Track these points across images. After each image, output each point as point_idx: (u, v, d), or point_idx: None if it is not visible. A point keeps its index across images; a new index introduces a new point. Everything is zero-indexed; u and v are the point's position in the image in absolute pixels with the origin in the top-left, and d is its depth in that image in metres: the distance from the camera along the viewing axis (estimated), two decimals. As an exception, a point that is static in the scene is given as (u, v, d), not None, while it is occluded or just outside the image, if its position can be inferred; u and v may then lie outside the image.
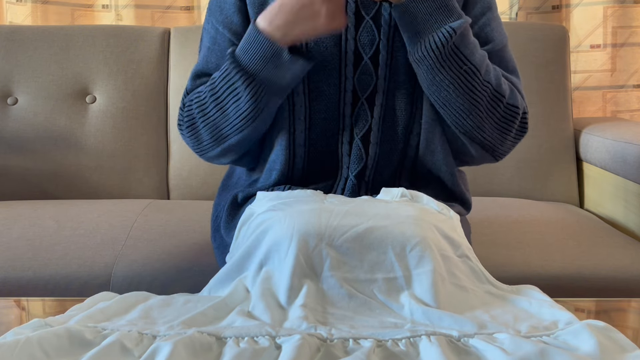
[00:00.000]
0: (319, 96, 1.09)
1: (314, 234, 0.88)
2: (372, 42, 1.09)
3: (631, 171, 1.51)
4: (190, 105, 1.12)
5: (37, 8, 2.08)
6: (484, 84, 1.06)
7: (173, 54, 1.87)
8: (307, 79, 1.09)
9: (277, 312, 0.82)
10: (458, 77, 1.04)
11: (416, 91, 1.10)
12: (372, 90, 1.09)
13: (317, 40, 1.08)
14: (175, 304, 0.87)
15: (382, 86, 1.09)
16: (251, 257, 0.92)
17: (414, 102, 1.10)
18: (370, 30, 1.09)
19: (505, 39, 1.16)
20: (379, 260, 0.87)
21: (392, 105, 1.10)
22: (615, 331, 0.77)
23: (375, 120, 1.10)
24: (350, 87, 1.09)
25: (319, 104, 1.10)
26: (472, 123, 1.07)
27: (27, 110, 1.80)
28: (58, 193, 1.77)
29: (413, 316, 0.82)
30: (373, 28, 1.09)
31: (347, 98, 1.10)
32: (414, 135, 1.11)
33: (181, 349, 0.71)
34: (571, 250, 1.36)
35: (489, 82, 1.06)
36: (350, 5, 1.09)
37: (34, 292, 1.25)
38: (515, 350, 0.72)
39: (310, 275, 0.86)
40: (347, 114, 1.10)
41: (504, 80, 1.10)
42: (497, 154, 1.13)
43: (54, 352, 0.72)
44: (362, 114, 1.10)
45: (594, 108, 2.09)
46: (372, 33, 1.09)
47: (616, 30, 2.04)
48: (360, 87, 1.09)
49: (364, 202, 0.98)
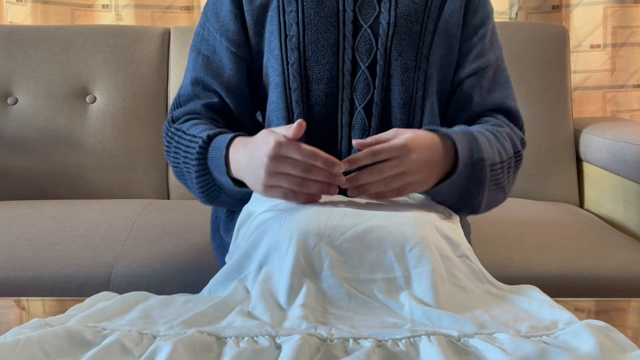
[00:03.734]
0: (316, 105, 1.09)
1: (313, 234, 0.88)
2: (370, 52, 1.09)
3: (631, 171, 1.51)
4: (168, 143, 1.11)
5: (37, 8, 2.08)
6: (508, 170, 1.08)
7: (173, 54, 1.87)
8: (305, 88, 1.09)
9: (277, 312, 0.82)
10: (489, 190, 1.06)
11: (412, 101, 1.10)
12: (369, 100, 1.09)
13: (314, 49, 1.08)
14: (175, 304, 0.87)
15: (379, 96, 1.09)
16: (251, 257, 0.92)
17: (411, 112, 1.10)
18: (368, 39, 1.09)
19: (501, 49, 1.18)
20: (379, 260, 0.87)
21: (388, 115, 1.10)
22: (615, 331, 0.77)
23: (373, 130, 1.10)
24: (348, 97, 1.09)
25: (316, 113, 1.10)
26: (503, 196, 1.11)
27: (27, 110, 1.80)
28: (58, 193, 1.77)
29: (413, 316, 0.82)
30: (371, 37, 1.09)
31: (345, 107, 1.10)
32: None
33: (181, 349, 0.71)
34: (571, 250, 1.36)
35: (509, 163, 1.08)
36: (347, 14, 1.09)
37: (34, 292, 1.25)
38: (515, 350, 0.72)
39: (310, 275, 0.86)
40: (345, 124, 1.10)
41: (505, 135, 1.10)
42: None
43: (54, 352, 0.72)
44: (359, 124, 1.10)
45: (594, 108, 2.09)
46: (369, 42, 1.09)
47: (616, 30, 2.04)
48: (357, 96, 1.09)
49: (364, 203, 0.98)
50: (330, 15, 1.09)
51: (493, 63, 1.15)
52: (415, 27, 1.10)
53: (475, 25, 1.14)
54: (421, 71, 1.10)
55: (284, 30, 1.10)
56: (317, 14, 1.09)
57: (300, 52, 1.09)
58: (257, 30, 1.12)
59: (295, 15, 1.09)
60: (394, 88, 1.09)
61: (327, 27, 1.09)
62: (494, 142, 1.06)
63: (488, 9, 1.17)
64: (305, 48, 1.09)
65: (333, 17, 1.09)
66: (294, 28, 1.09)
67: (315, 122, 1.09)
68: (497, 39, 1.18)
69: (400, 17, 1.10)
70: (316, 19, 1.09)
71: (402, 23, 1.10)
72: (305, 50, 1.09)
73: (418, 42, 1.10)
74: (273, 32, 1.10)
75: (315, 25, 1.09)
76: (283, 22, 1.10)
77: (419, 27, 1.10)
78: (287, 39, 1.09)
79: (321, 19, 1.09)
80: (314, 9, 1.09)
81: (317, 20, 1.09)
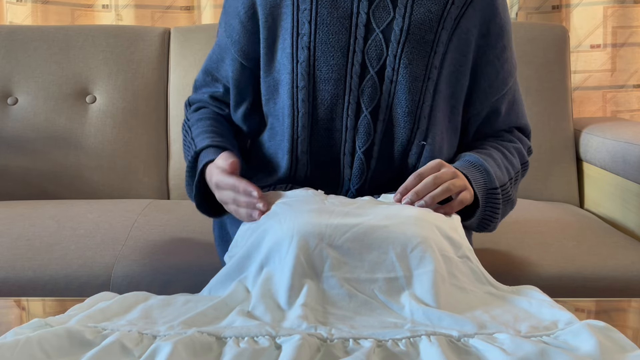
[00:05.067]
0: (322, 105, 1.09)
1: (314, 234, 0.88)
2: (380, 57, 1.09)
3: (631, 171, 1.51)
4: (184, 136, 1.21)
5: (37, 8, 2.08)
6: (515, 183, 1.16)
7: (173, 54, 1.87)
8: (312, 87, 1.09)
9: (277, 312, 0.82)
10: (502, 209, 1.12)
11: (418, 111, 1.09)
12: (376, 105, 1.09)
13: (324, 50, 1.08)
14: (175, 304, 0.87)
15: (385, 102, 1.09)
16: (251, 258, 0.91)
17: (416, 121, 1.10)
18: (379, 44, 1.09)
19: (516, 66, 1.20)
20: (380, 260, 0.87)
21: (393, 122, 1.10)
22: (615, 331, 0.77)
23: (378, 135, 1.10)
24: (355, 100, 1.09)
25: (322, 113, 1.10)
26: (512, 207, 1.17)
27: (27, 110, 1.80)
28: (58, 193, 1.77)
29: (413, 316, 0.82)
30: (382, 42, 1.08)
31: (351, 110, 1.09)
32: (413, 154, 1.11)
33: (181, 349, 0.71)
34: (571, 250, 1.36)
35: (515, 177, 1.16)
36: (361, 17, 1.09)
37: (34, 292, 1.25)
38: (516, 350, 0.72)
39: (311, 275, 0.86)
40: (350, 127, 1.10)
41: (513, 150, 1.17)
42: None
43: (54, 352, 0.72)
44: (364, 128, 1.10)
45: (594, 108, 2.09)
46: (380, 47, 1.09)
47: (616, 30, 2.04)
48: (364, 100, 1.09)
49: (365, 203, 0.98)
50: (344, 16, 1.09)
51: (512, 86, 1.18)
52: (429, 37, 1.09)
53: (498, 47, 1.14)
54: (430, 81, 1.09)
55: (297, 29, 1.09)
56: (330, 14, 1.09)
57: (310, 51, 1.09)
58: (268, 24, 1.12)
59: (309, 14, 1.09)
60: (401, 95, 1.09)
61: (339, 28, 1.09)
62: (501, 162, 1.12)
63: (508, 27, 1.16)
64: (316, 48, 1.09)
65: (346, 19, 1.09)
66: (306, 27, 1.09)
67: (320, 123, 1.09)
68: (513, 55, 1.19)
69: (414, 25, 1.08)
70: (329, 19, 1.08)
71: (415, 31, 1.08)
72: (315, 50, 1.09)
73: (430, 51, 1.09)
74: (287, 29, 1.10)
75: (328, 25, 1.08)
76: (296, 20, 1.09)
77: (432, 36, 1.09)
78: (299, 37, 1.09)
79: (334, 19, 1.08)
80: (328, 9, 1.09)
81: (330, 21, 1.08)
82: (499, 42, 1.14)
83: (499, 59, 1.15)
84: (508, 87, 1.17)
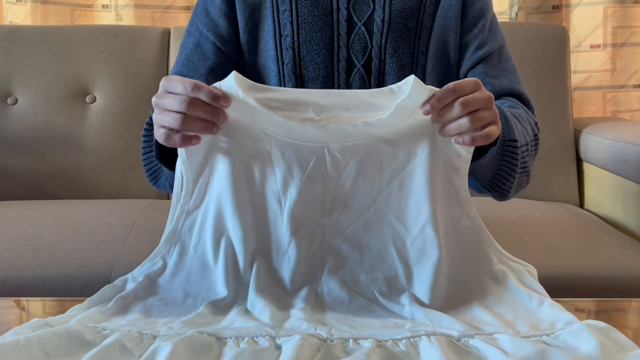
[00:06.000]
0: None
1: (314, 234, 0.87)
2: (365, 50, 1.09)
3: (631, 171, 1.51)
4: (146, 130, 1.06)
5: (37, 8, 2.08)
6: (531, 152, 1.04)
7: (173, 54, 1.87)
8: (300, 87, 1.09)
9: (277, 312, 0.82)
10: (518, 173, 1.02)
11: None
12: None
13: (309, 48, 1.09)
14: (175, 304, 0.87)
15: None
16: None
17: None
18: (363, 37, 1.09)
19: (503, 38, 1.16)
20: (379, 257, 0.87)
21: None
22: (615, 331, 0.77)
23: None
24: None
25: None
26: (527, 180, 1.07)
27: (27, 110, 1.80)
28: (58, 193, 1.77)
29: (413, 316, 0.82)
30: (365, 35, 1.09)
31: None
32: None
33: (181, 349, 0.71)
34: (571, 250, 1.36)
35: (531, 145, 1.04)
36: (342, 12, 1.09)
37: (34, 292, 1.25)
38: (516, 350, 0.72)
39: (311, 275, 0.86)
40: None
41: (524, 117, 1.06)
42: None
43: (54, 352, 0.72)
44: None
45: (594, 108, 2.09)
46: (364, 40, 1.09)
47: (616, 30, 2.04)
48: None
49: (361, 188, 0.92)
50: (324, 13, 1.10)
51: (496, 51, 1.14)
52: (411, 24, 1.10)
53: (475, 16, 1.13)
54: (419, 67, 1.10)
55: (279, 30, 1.10)
56: (311, 13, 1.10)
57: (295, 51, 1.09)
58: (248, 29, 1.12)
59: (290, 15, 1.10)
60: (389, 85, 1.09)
61: (322, 26, 1.09)
62: (518, 124, 1.02)
63: (487, 0, 1.16)
64: (300, 47, 1.09)
65: (327, 16, 1.10)
66: (288, 27, 1.09)
67: None
68: (498, 29, 1.16)
69: (394, 14, 1.10)
70: (310, 18, 1.09)
71: (396, 20, 1.10)
72: (300, 50, 1.09)
73: (414, 38, 1.10)
74: (268, 32, 1.11)
75: (310, 24, 1.09)
76: (277, 22, 1.10)
77: (414, 23, 1.10)
78: (282, 39, 1.09)
79: (315, 17, 1.09)
80: (308, 7, 1.10)
81: (311, 19, 1.09)
82: (475, 9, 1.13)
83: (476, 25, 1.13)
84: (491, 49, 1.11)
